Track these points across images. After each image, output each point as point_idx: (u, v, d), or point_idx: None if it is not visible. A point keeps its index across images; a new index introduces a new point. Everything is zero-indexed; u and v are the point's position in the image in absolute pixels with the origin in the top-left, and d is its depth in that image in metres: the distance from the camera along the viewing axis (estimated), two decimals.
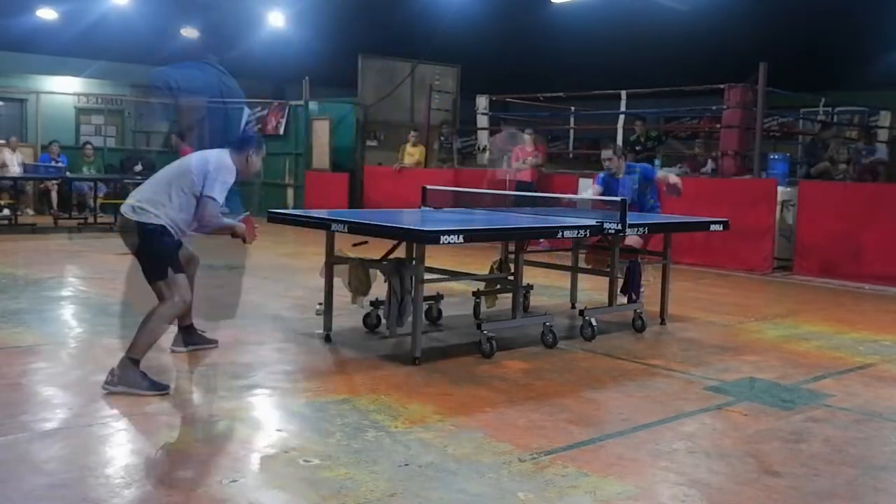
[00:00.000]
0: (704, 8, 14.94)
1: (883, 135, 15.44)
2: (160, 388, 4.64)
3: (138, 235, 4.87)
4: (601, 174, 7.83)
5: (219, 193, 4.91)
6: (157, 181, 5.01)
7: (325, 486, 3.36)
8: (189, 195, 4.89)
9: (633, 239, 7.47)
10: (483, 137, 16.40)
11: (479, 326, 5.77)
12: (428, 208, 7.24)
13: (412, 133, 15.45)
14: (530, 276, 7.36)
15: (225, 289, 8.01)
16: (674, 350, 6.18)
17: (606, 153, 7.62)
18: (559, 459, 3.74)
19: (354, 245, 6.13)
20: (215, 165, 4.95)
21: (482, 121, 16.54)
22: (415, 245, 5.64)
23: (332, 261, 6.05)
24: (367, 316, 6.34)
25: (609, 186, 7.64)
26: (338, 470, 3.54)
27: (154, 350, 5.49)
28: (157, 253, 4.87)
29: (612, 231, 6.12)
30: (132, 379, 4.60)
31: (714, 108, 13.42)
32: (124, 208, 4.95)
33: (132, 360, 4.66)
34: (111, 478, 3.43)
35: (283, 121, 17.71)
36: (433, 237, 5.23)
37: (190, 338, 5.48)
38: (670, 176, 7.70)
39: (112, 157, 18.41)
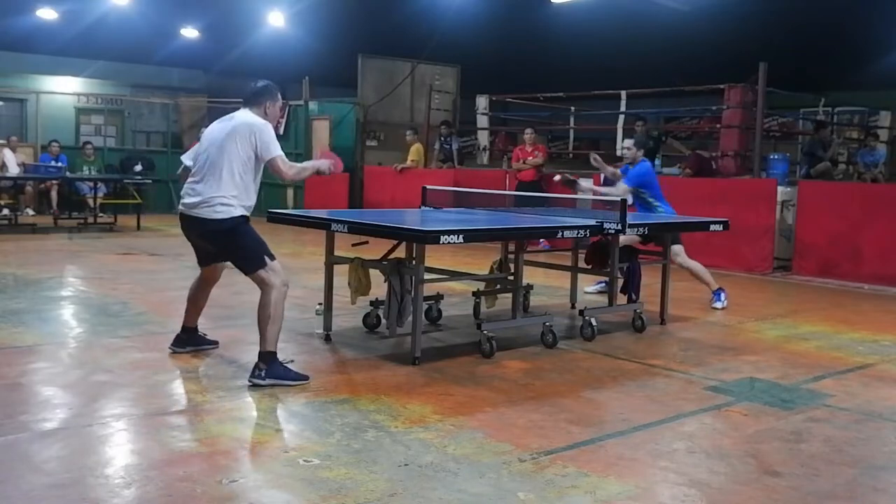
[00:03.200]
0: (705, 8, 14.92)
1: (883, 135, 15.46)
2: (303, 378, 4.87)
3: (220, 233, 4.94)
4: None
5: (276, 149, 4.99)
6: (216, 169, 4.90)
7: (325, 486, 3.36)
8: (251, 171, 4.97)
9: (629, 238, 7.50)
10: (483, 137, 16.41)
11: (479, 326, 5.77)
12: (428, 208, 7.24)
13: (408, 132, 15.44)
14: (530, 276, 7.36)
15: (226, 289, 8.00)
16: (674, 350, 6.18)
17: (627, 142, 8.25)
18: (559, 459, 3.74)
19: (354, 245, 6.13)
20: (253, 131, 4.93)
21: (482, 121, 16.54)
22: (415, 245, 5.64)
23: (332, 261, 6.06)
24: (367, 316, 6.35)
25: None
26: (338, 470, 3.54)
27: (155, 351, 5.51)
28: (248, 244, 4.99)
29: (612, 231, 6.12)
30: (278, 372, 4.82)
31: (714, 108, 13.42)
32: (192, 208, 4.94)
33: (271, 353, 4.84)
34: (111, 478, 3.43)
35: (283, 121, 17.71)
36: (433, 237, 5.23)
37: (191, 339, 5.49)
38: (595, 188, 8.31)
39: (112, 157, 18.41)
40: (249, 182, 5.00)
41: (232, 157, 4.91)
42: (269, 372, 4.80)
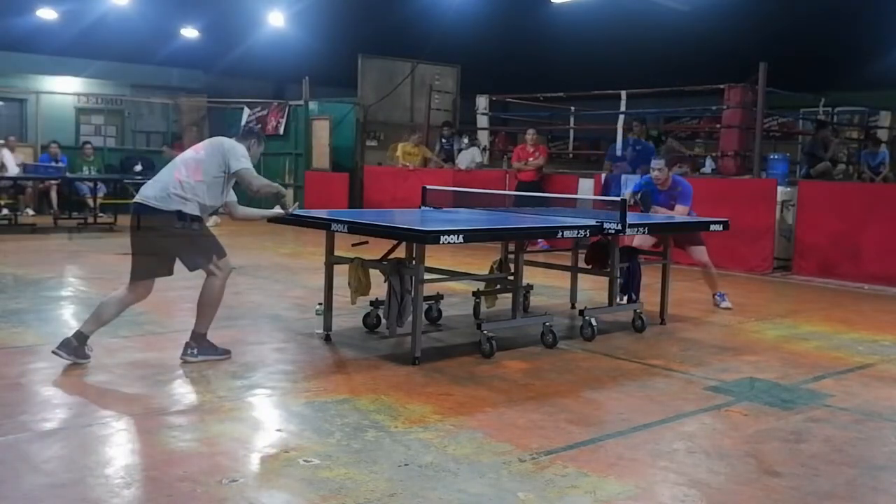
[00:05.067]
0: (704, 8, 14.93)
1: (883, 135, 15.46)
2: (227, 353, 5.34)
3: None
4: (639, 180, 7.93)
5: (246, 162, 5.22)
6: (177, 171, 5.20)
7: (325, 486, 3.36)
8: (217, 180, 5.20)
9: (642, 239, 7.52)
10: (483, 137, 16.42)
11: (479, 326, 5.77)
12: (428, 208, 7.24)
13: (416, 135, 15.39)
14: (530, 276, 7.36)
15: (226, 289, 8.00)
16: (674, 350, 6.18)
17: (657, 164, 7.78)
18: (559, 459, 3.74)
19: (354, 245, 6.13)
20: (228, 146, 5.23)
21: (482, 121, 16.54)
22: (415, 245, 5.65)
23: (332, 261, 6.06)
24: (367, 316, 6.35)
25: (645, 196, 7.79)
26: (338, 470, 3.54)
27: (155, 351, 5.50)
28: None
29: (612, 231, 6.12)
30: (208, 349, 5.26)
31: (714, 108, 13.42)
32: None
33: (204, 334, 5.24)
34: (111, 478, 3.43)
35: (283, 121, 17.72)
36: (433, 237, 5.23)
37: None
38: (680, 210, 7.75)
39: (112, 157, 18.41)
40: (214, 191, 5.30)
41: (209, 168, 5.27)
42: (201, 350, 5.23)
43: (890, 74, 16.68)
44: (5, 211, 15.16)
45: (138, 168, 17.37)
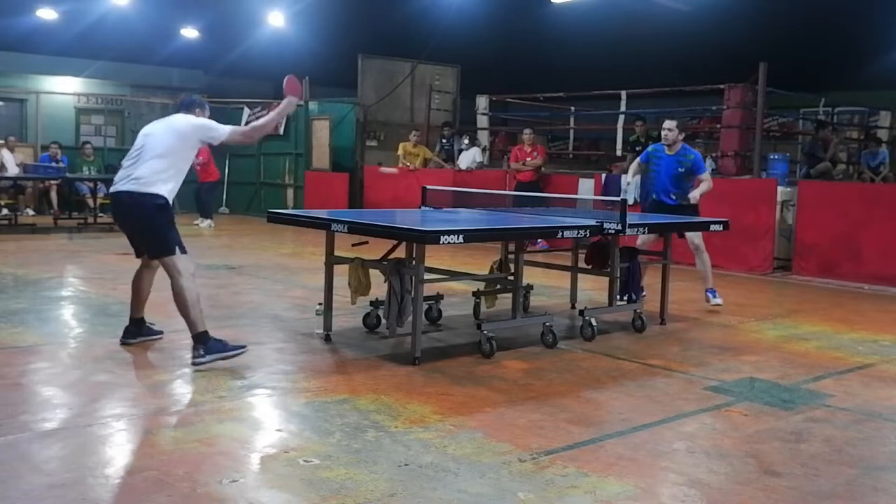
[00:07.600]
0: (705, 8, 14.93)
1: (883, 135, 15.47)
2: (241, 348, 5.26)
3: (140, 209, 5.19)
4: (648, 149, 7.94)
5: (218, 127, 5.44)
6: (149, 157, 5.26)
7: (325, 486, 3.36)
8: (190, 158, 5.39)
9: (644, 238, 7.49)
10: (483, 137, 16.45)
11: (479, 326, 5.77)
12: (428, 208, 7.24)
13: (414, 133, 15.39)
14: (530, 276, 7.36)
15: (226, 289, 8.02)
16: (674, 350, 6.18)
17: (669, 124, 7.77)
18: (559, 459, 3.74)
19: (354, 245, 6.13)
20: (194, 124, 5.41)
21: (482, 121, 16.55)
22: (415, 245, 5.65)
23: (332, 261, 6.06)
24: (367, 316, 6.35)
25: (651, 162, 7.80)
26: (338, 470, 3.54)
27: (155, 351, 5.50)
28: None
29: (612, 231, 6.12)
30: (216, 347, 5.14)
31: (714, 108, 13.42)
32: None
33: (202, 333, 5.13)
34: (111, 478, 3.43)
35: (283, 121, 17.72)
36: (433, 237, 5.23)
37: (139, 330, 5.69)
38: (702, 189, 7.65)
39: (112, 157, 18.38)
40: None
41: (181, 152, 5.41)
42: (207, 349, 5.11)
43: (890, 74, 16.68)
44: (5, 211, 15.17)
45: None
